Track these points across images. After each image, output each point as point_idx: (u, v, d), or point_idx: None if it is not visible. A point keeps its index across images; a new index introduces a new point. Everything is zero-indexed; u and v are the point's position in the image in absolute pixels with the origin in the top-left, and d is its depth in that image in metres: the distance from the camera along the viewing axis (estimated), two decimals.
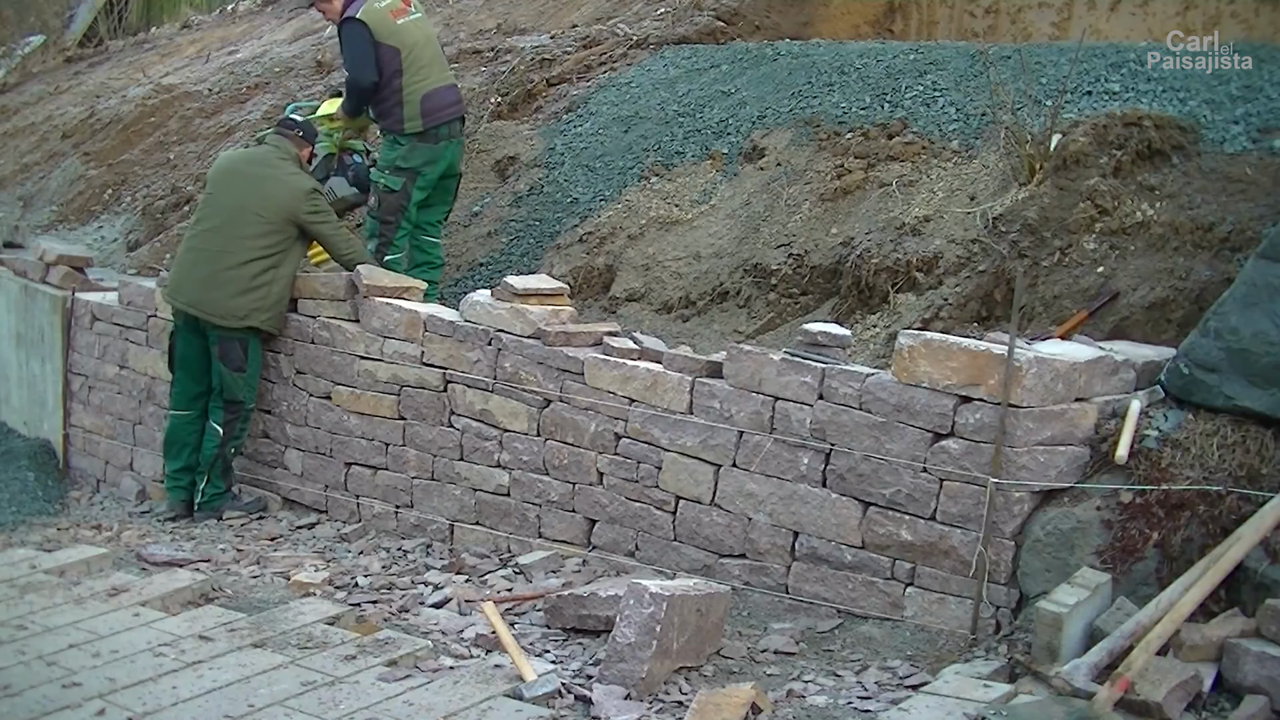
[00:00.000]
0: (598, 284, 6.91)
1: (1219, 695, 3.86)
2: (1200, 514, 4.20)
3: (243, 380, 6.52)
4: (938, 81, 6.84)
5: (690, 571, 5.15)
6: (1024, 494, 4.46)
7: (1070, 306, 5.27)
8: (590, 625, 4.66)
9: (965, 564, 4.53)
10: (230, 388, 6.52)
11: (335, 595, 5.23)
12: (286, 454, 6.67)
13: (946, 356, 4.55)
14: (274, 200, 6.49)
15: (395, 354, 6.13)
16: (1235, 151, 5.50)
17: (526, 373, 5.67)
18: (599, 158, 7.59)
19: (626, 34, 9.02)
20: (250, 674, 4.23)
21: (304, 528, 6.40)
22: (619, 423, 5.40)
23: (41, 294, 8.06)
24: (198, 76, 11.98)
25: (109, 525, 6.69)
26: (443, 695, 4.08)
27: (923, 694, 3.99)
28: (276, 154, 6.69)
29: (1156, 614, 3.94)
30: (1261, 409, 4.32)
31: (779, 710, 4.04)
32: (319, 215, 6.58)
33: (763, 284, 6.32)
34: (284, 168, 6.63)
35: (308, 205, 6.54)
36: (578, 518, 5.58)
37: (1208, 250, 5.15)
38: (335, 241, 6.66)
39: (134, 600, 4.91)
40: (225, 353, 6.49)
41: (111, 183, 10.48)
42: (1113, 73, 6.30)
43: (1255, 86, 5.83)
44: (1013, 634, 4.37)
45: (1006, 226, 5.62)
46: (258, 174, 6.61)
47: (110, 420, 7.62)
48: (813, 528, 4.88)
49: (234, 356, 6.48)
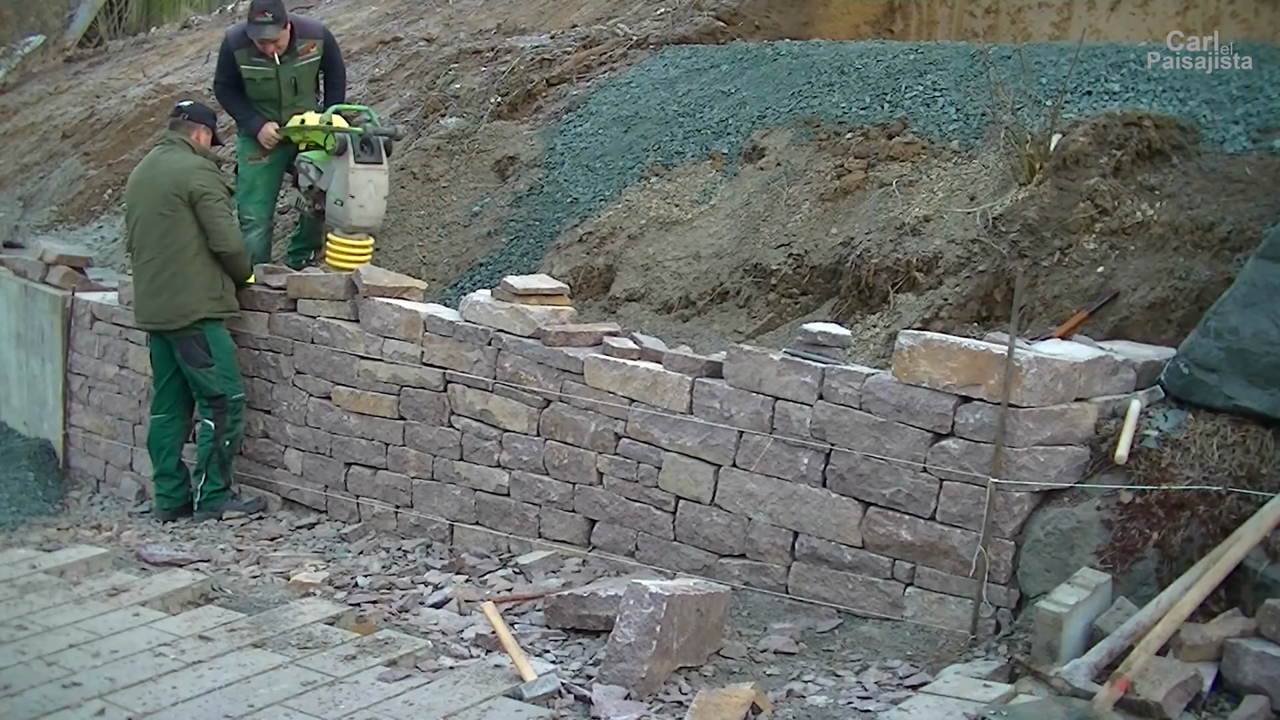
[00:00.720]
0: (598, 284, 6.91)
1: (1219, 695, 3.86)
2: (1200, 514, 4.20)
3: (214, 374, 6.55)
4: (938, 81, 6.84)
5: (690, 571, 5.15)
6: (1024, 494, 4.46)
7: (1070, 306, 5.27)
8: (590, 625, 4.66)
9: (965, 564, 4.53)
10: (204, 385, 6.57)
11: (335, 595, 5.23)
12: (286, 454, 6.67)
13: (946, 356, 4.55)
14: (165, 189, 6.59)
15: (395, 354, 6.13)
16: (1235, 151, 5.50)
17: (526, 373, 5.67)
18: (599, 158, 7.59)
19: (626, 34, 9.02)
20: (250, 674, 4.23)
21: (304, 528, 6.40)
22: (619, 423, 5.40)
23: (41, 294, 8.06)
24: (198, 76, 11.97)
25: (109, 525, 6.70)
26: (443, 695, 4.08)
27: (923, 694, 3.99)
28: (162, 149, 6.81)
29: (1156, 614, 3.94)
30: (1261, 409, 4.32)
31: (779, 710, 4.04)
32: (207, 194, 6.56)
33: (763, 284, 6.31)
34: (171, 156, 6.73)
35: (195, 180, 6.55)
36: (578, 518, 5.57)
37: (1208, 250, 5.15)
38: (214, 228, 6.59)
39: (134, 600, 4.91)
40: (186, 353, 6.57)
41: (111, 183, 10.48)
42: (1113, 73, 6.30)
43: (1255, 86, 5.83)
44: (1013, 634, 4.37)
45: (1006, 226, 5.62)
46: (150, 175, 6.76)
47: (110, 420, 7.62)
48: (813, 528, 4.88)
49: (195, 355, 6.54)
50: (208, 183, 6.60)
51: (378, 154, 7.17)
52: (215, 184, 6.66)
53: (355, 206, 7.09)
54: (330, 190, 7.16)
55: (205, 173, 6.64)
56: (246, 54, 7.29)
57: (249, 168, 7.51)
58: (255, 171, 7.48)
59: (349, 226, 7.11)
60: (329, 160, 7.20)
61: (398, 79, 9.87)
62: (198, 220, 6.56)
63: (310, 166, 7.26)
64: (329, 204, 7.17)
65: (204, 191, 6.55)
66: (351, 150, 7.05)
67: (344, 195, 7.08)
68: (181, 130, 6.80)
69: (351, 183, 7.07)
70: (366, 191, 7.12)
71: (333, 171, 7.16)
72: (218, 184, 6.69)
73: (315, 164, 7.26)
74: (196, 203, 6.53)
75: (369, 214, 7.18)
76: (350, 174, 7.06)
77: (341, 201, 7.09)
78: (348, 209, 7.08)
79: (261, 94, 7.36)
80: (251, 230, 7.36)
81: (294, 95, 7.41)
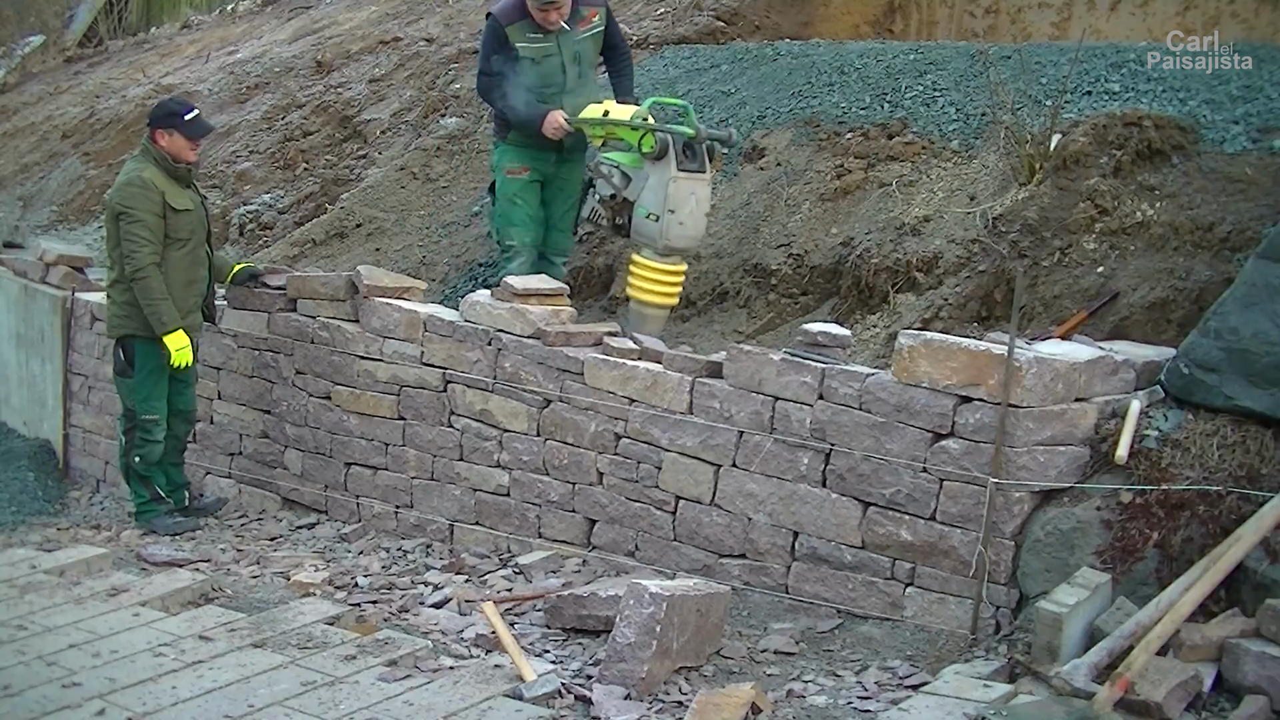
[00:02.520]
0: (598, 284, 6.91)
1: (1219, 695, 3.86)
2: (1200, 514, 4.20)
3: (127, 386, 6.39)
4: (938, 81, 6.84)
5: (690, 571, 5.15)
6: (1024, 494, 4.46)
7: (1070, 306, 5.27)
8: (590, 625, 4.66)
9: (965, 564, 4.53)
10: (120, 394, 6.51)
11: (335, 595, 5.23)
12: (286, 454, 6.67)
13: (946, 356, 4.55)
14: (108, 201, 6.44)
15: (395, 354, 6.12)
16: (1235, 151, 5.50)
17: (526, 373, 5.67)
18: None
19: (626, 34, 9.01)
20: (250, 674, 4.23)
21: (304, 528, 6.40)
22: (619, 423, 5.40)
23: (41, 294, 8.06)
24: (198, 77, 11.98)
25: (109, 525, 6.70)
26: (443, 695, 4.08)
27: (923, 694, 3.99)
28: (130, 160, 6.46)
29: (1156, 614, 3.94)
30: (1261, 409, 4.32)
31: (779, 710, 4.04)
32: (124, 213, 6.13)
33: (763, 284, 6.31)
34: (127, 164, 6.43)
35: (119, 195, 6.19)
36: (578, 518, 5.58)
37: (1208, 250, 5.15)
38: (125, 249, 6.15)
39: (134, 600, 4.91)
40: (114, 359, 6.50)
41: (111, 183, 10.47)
42: (1113, 73, 6.30)
43: (1255, 86, 5.83)
44: (1013, 634, 4.37)
45: (1006, 226, 5.62)
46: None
47: (110, 420, 7.61)
48: (813, 528, 4.88)
49: (117, 361, 6.45)
50: (128, 199, 6.12)
51: (701, 161, 5.96)
52: (139, 200, 6.12)
53: (674, 223, 5.88)
54: (640, 202, 5.98)
55: (131, 189, 6.14)
56: (521, 29, 6.19)
57: (508, 182, 6.45)
58: (516, 187, 6.42)
59: (663, 247, 5.94)
60: (639, 165, 6.02)
61: (398, 79, 9.88)
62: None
63: (614, 170, 6.10)
64: (637, 218, 5.99)
65: (121, 210, 6.14)
66: (674, 154, 5.86)
67: (660, 209, 5.88)
68: (146, 136, 6.36)
69: (672, 194, 5.86)
70: (688, 206, 5.90)
71: (644, 179, 5.97)
72: (142, 201, 6.12)
73: (622, 167, 6.10)
74: (118, 218, 6.18)
75: (689, 233, 5.97)
76: (671, 183, 5.84)
77: (656, 216, 5.89)
78: (665, 226, 5.87)
79: (542, 77, 6.24)
80: (514, 259, 6.41)
81: (577, 77, 6.33)
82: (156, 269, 6.17)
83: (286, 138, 9.75)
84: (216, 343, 6.87)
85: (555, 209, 6.58)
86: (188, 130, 6.32)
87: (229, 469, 6.92)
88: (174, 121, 6.31)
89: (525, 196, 6.43)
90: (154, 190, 6.17)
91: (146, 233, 6.14)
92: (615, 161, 6.15)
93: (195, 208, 6.39)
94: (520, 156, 6.42)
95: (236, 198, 9.24)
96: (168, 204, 6.20)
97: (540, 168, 6.45)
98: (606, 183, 6.17)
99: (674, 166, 5.85)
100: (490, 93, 6.37)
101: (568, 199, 6.59)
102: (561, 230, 6.63)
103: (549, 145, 6.32)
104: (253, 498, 6.80)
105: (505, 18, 6.21)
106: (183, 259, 6.30)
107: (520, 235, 6.43)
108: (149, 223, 6.14)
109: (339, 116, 9.69)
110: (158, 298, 6.16)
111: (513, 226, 6.45)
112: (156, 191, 6.17)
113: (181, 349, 6.23)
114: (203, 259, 6.47)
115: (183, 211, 6.27)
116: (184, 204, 6.29)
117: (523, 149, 6.41)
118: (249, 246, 8.69)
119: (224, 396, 6.91)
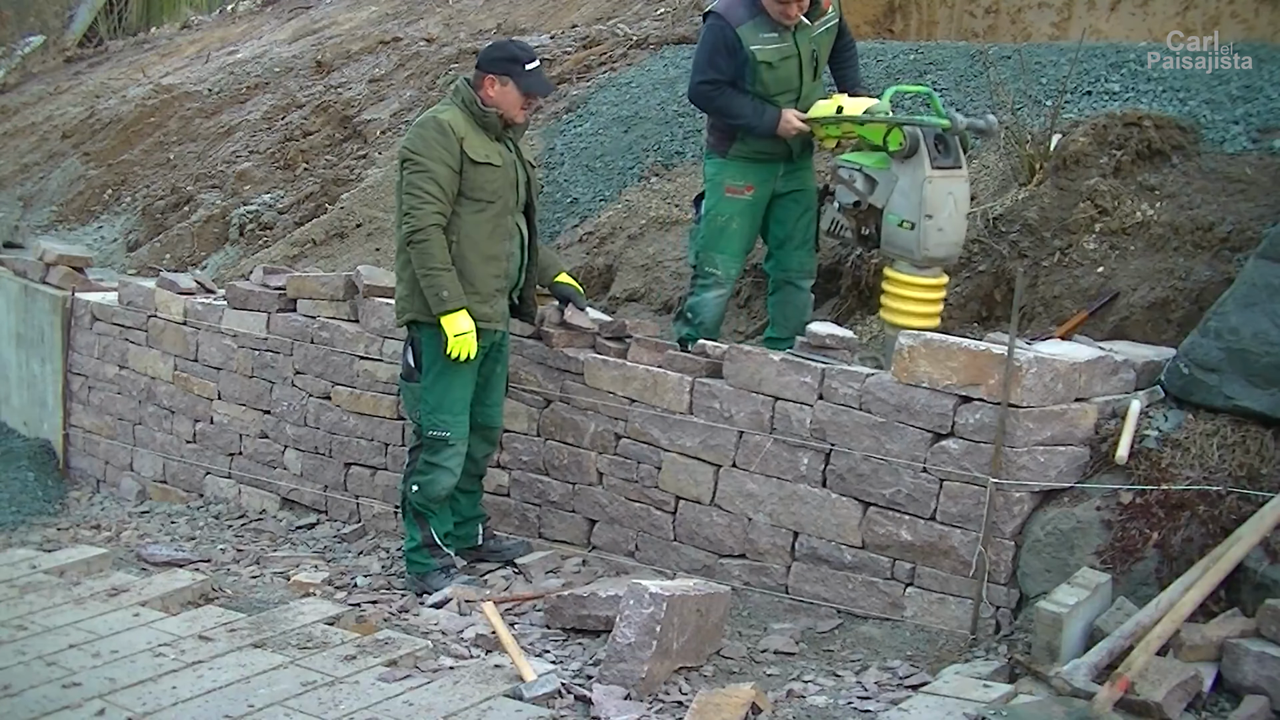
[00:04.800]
0: (598, 284, 6.91)
1: (1219, 695, 3.86)
2: (1200, 514, 4.20)
3: (412, 392, 5.34)
4: (938, 81, 6.83)
5: (690, 571, 5.15)
6: (1024, 494, 4.46)
7: (1070, 306, 5.27)
8: (590, 625, 4.66)
9: (965, 564, 4.53)
10: (405, 405, 5.59)
11: (335, 595, 5.24)
12: (286, 454, 6.66)
13: (946, 356, 4.55)
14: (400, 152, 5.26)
15: (395, 354, 6.12)
16: (1235, 151, 5.50)
17: (526, 373, 5.67)
18: (599, 158, 7.59)
19: (626, 34, 9.03)
20: (250, 674, 4.23)
21: (304, 528, 6.40)
22: (619, 423, 5.40)
23: (41, 294, 8.05)
24: (197, 76, 12.00)
25: (109, 525, 6.70)
26: (443, 695, 4.08)
27: (923, 694, 3.99)
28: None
29: (1156, 614, 3.94)
30: (1261, 409, 4.32)
31: (779, 710, 4.04)
32: (411, 156, 5.04)
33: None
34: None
35: (406, 138, 5.18)
36: (578, 518, 5.57)
37: (1208, 250, 5.15)
38: (406, 197, 5.06)
39: (134, 600, 4.91)
40: (401, 359, 5.43)
41: (111, 183, 10.49)
42: (1113, 73, 6.30)
43: (1255, 86, 5.83)
44: (1013, 634, 4.37)
45: (1006, 226, 5.61)
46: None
47: (110, 420, 7.62)
48: (813, 528, 4.88)
49: (403, 363, 5.41)
50: (416, 143, 5.03)
51: (955, 156, 5.14)
52: (430, 147, 4.99)
53: (932, 230, 5.07)
54: (891, 208, 5.16)
55: (424, 131, 5.06)
56: (754, 29, 5.29)
57: (726, 202, 5.49)
58: (736, 208, 5.48)
59: (923, 258, 5.12)
60: (886, 165, 5.19)
61: (398, 79, 9.89)
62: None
63: (858, 174, 5.24)
64: (888, 227, 5.18)
65: (407, 155, 5.08)
66: (926, 150, 5.07)
67: (915, 215, 5.08)
68: (466, 78, 5.19)
69: (928, 196, 5.05)
70: (947, 209, 5.09)
71: (893, 181, 5.16)
72: (435, 148, 4.98)
73: (865, 170, 5.24)
74: (403, 165, 5.13)
75: (949, 239, 5.14)
76: (926, 184, 5.04)
77: (911, 223, 5.09)
78: (922, 233, 5.07)
79: (778, 82, 5.36)
80: (711, 289, 5.58)
81: (813, 79, 5.47)
82: (440, 231, 4.97)
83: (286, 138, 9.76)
84: (216, 342, 6.87)
85: (792, 224, 5.60)
86: (525, 83, 5.09)
87: (229, 469, 6.92)
88: (512, 69, 5.08)
89: (744, 221, 5.52)
90: (451, 137, 4.98)
91: (433, 186, 4.93)
92: (856, 164, 5.27)
93: (506, 166, 5.12)
94: (745, 172, 5.48)
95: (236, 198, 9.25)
96: (466, 154, 5.00)
97: (768, 182, 5.52)
98: (848, 189, 5.27)
99: (928, 165, 5.04)
100: (713, 102, 5.42)
101: (805, 211, 5.60)
102: (802, 247, 5.63)
103: (779, 154, 5.47)
104: (252, 498, 6.80)
105: (734, 18, 5.29)
106: (481, 225, 5.06)
107: (726, 265, 5.55)
108: (438, 174, 4.94)
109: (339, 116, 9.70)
110: (438, 267, 4.93)
111: (719, 254, 5.54)
112: (454, 139, 4.99)
113: (462, 335, 4.94)
114: (512, 231, 5.19)
115: (485, 165, 5.03)
116: (489, 157, 5.06)
117: (748, 162, 5.48)
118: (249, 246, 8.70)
119: (224, 396, 6.91)
